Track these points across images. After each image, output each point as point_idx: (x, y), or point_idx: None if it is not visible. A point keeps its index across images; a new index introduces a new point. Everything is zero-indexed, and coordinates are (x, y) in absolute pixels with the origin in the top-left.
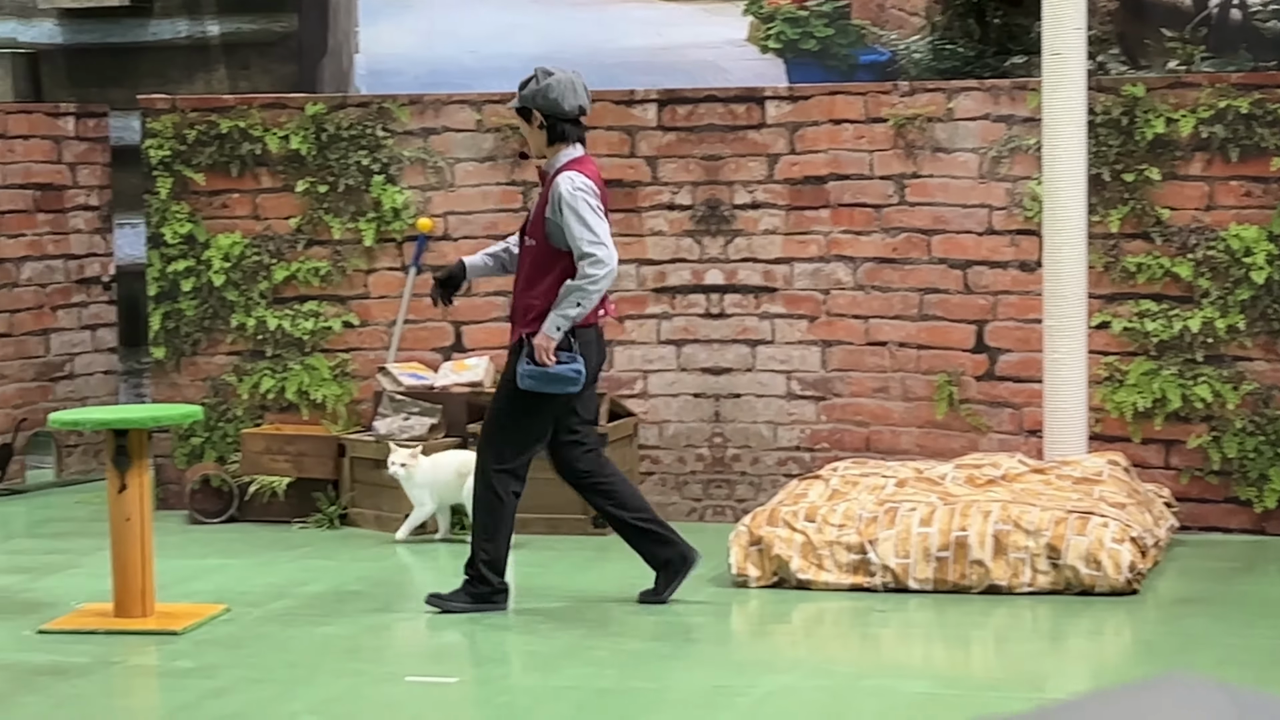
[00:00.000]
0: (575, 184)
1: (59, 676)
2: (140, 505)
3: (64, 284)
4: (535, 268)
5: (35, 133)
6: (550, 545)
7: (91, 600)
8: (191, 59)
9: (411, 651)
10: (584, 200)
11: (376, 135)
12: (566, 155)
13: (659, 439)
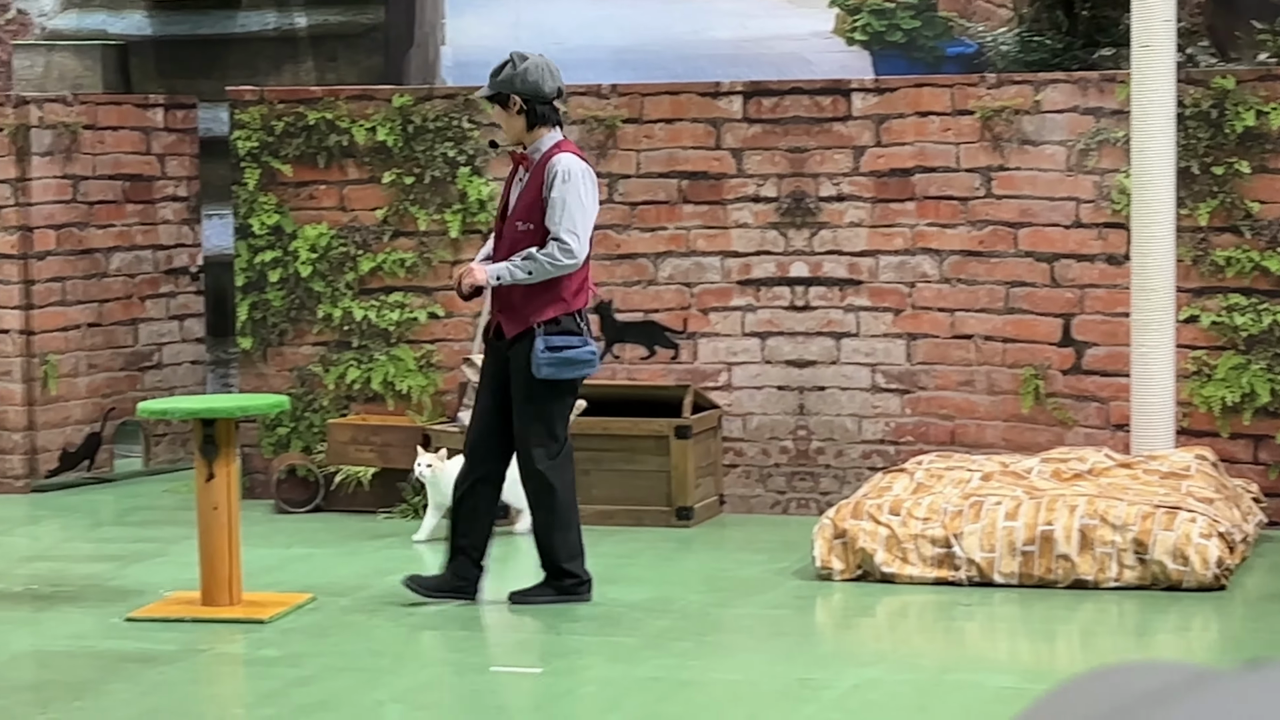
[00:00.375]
0: (575, 169)
1: (147, 664)
2: (227, 494)
3: (152, 274)
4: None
5: (125, 124)
6: (634, 537)
7: (179, 588)
8: (279, 51)
9: (496, 642)
10: (578, 189)
11: (462, 127)
12: (551, 138)
13: (743, 432)
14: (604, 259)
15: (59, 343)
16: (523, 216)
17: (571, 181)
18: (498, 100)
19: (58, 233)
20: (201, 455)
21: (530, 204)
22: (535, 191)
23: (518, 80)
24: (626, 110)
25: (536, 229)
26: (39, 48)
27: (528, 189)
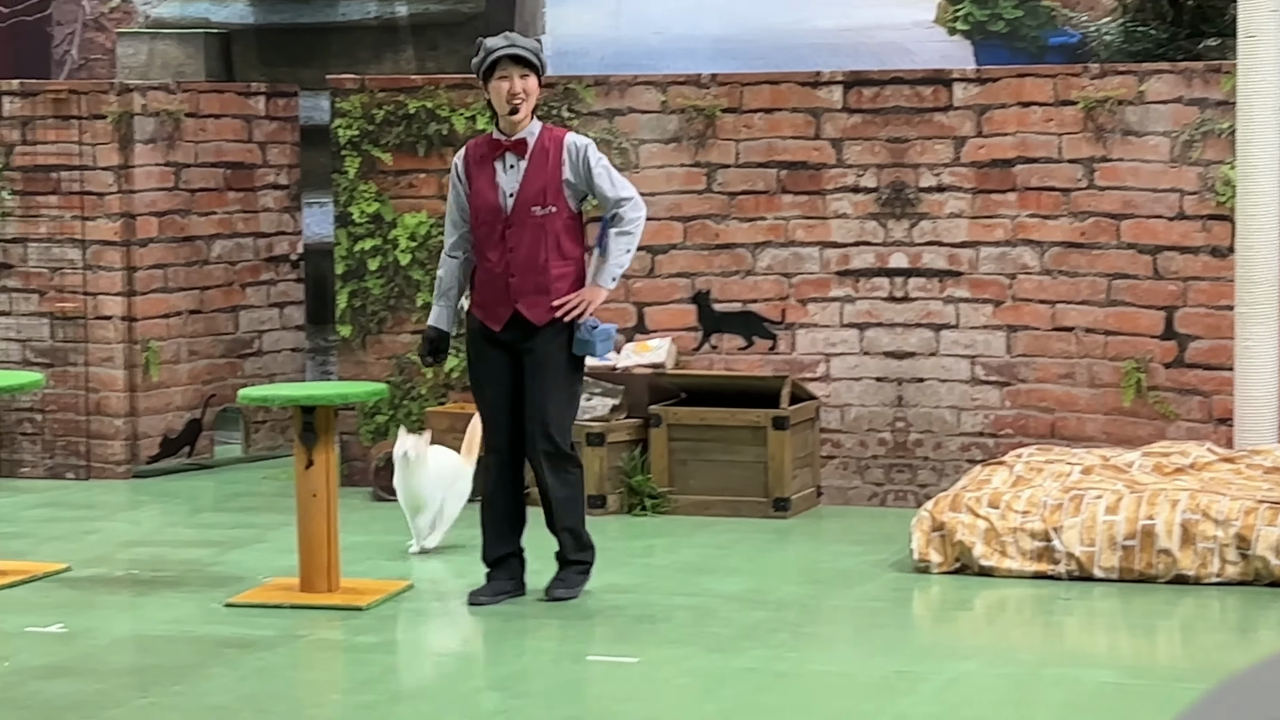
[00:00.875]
0: (588, 142)
1: (246, 649)
2: (326, 481)
3: (253, 262)
4: (564, 233)
5: (226, 112)
6: (731, 528)
7: (278, 575)
8: (380, 39)
9: (593, 631)
10: (602, 154)
11: (562, 116)
12: (537, 124)
13: (841, 423)
14: (702, 249)
15: (160, 329)
16: (537, 201)
17: (600, 154)
18: (538, 73)
19: (160, 220)
20: (301, 442)
21: (544, 188)
22: (549, 174)
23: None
24: (726, 100)
25: (559, 212)
26: (142, 36)
27: (533, 173)
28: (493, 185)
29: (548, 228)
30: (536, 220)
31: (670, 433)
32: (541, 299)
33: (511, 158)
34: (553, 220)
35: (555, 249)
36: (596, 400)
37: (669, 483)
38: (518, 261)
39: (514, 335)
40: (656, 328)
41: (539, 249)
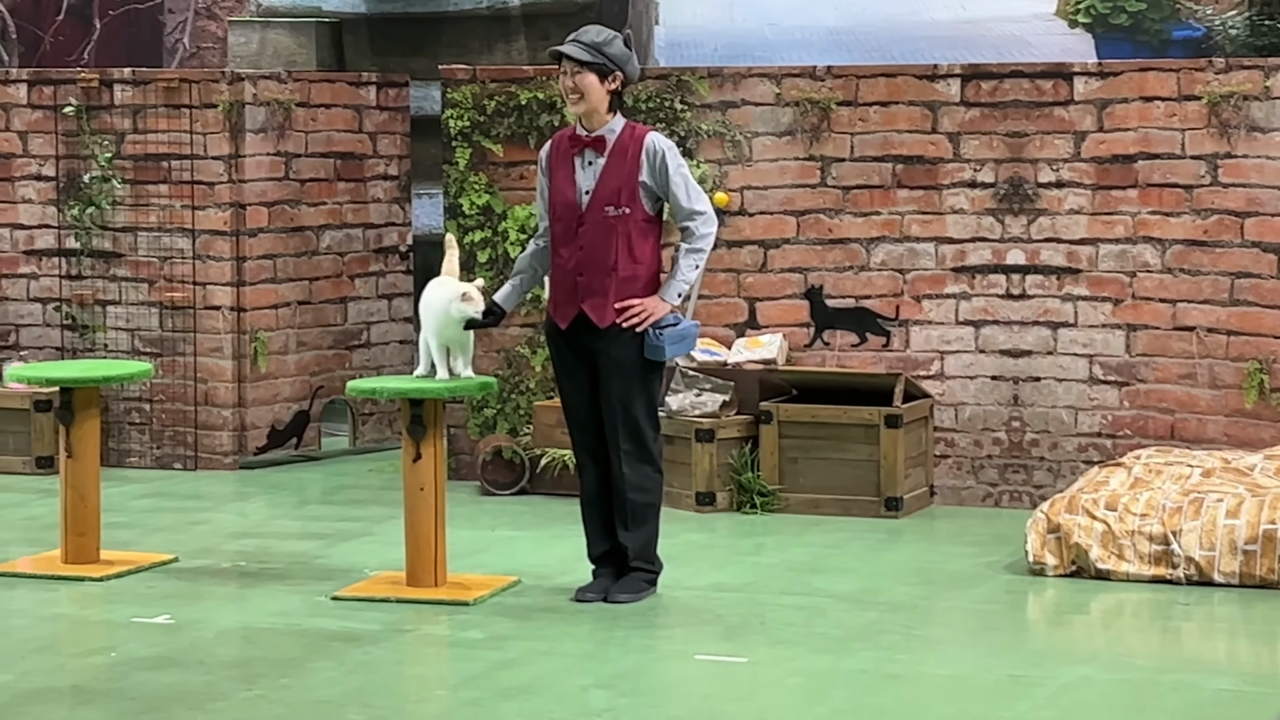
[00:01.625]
0: (670, 144)
1: (352, 643)
2: (434, 475)
3: (362, 253)
4: (637, 234)
5: (337, 102)
6: (842, 527)
7: (384, 568)
8: (492, 29)
9: (701, 630)
10: (681, 160)
11: (675, 108)
12: (620, 120)
13: (955, 422)
14: (815, 243)
15: (269, 320)
16: (612, 200)
17: (677, 159)
18: (595, 69)
19: (269, 210)
20: (409, 435)
21: (619, 188)
22: (625, 174)
23: (629, 63)
24: (841, 93)
25: (633, 213)
26: (254, 24)
27: (610, 172)
28: (571, 181)
29: (620, 228)
30: (609, 220)
31: (781, 430)
32: (607, 301)
33: (590, 154)
34: (626, 221)
35: (626, 250)
36: (706, 396)
37: (779, 480)
38: (587, 260)
39: (582, 335)
40: (768, 323)
41: (610, 249)
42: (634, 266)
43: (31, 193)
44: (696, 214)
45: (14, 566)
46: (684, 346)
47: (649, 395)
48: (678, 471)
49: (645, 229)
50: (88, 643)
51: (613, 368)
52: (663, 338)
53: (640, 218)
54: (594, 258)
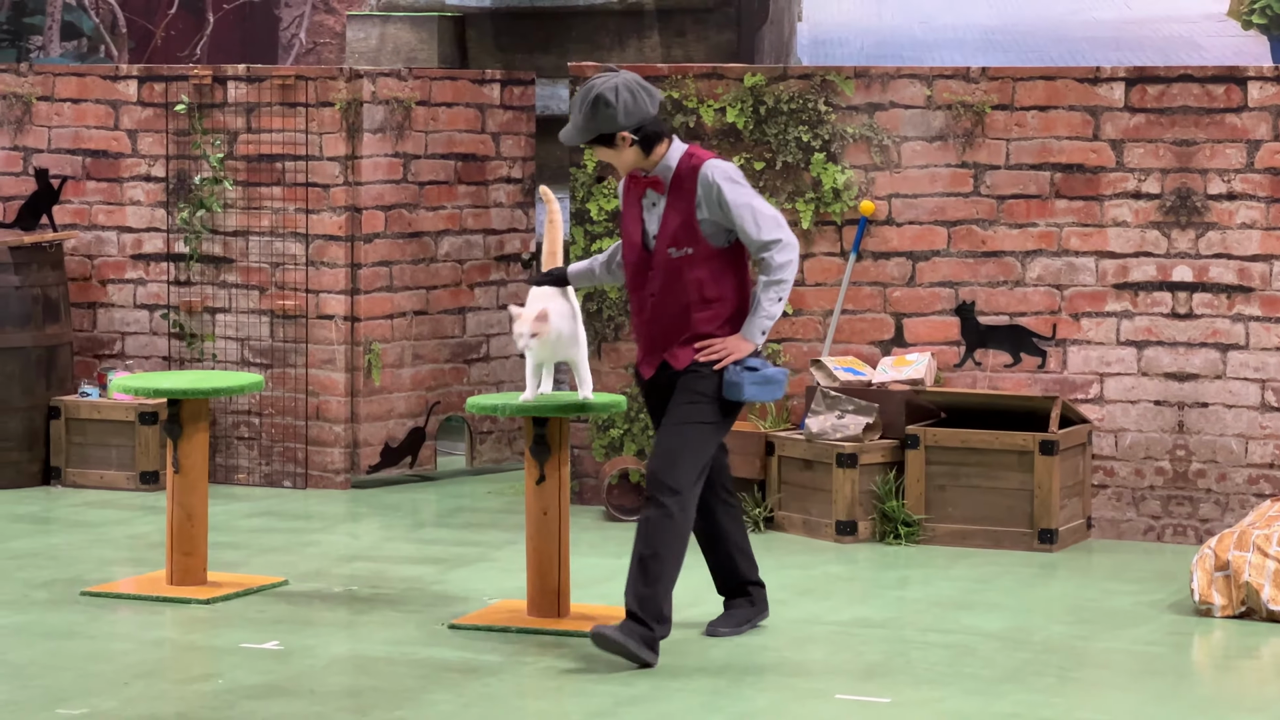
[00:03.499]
0: (732, 170)
1: (470, 674)
2: (558, 498)
3: (483, 260)
4: (708, 274)
5: (459, 100)
6: (992, 560)
7: (504, 596)
8: (624, 25)
9: (841, 667)
10: (743, 186)
11: (818, 110)
12: (676, 151)
13: (1115, 449)
14: (967, 256)
15: (384, 330)
16: (674, 243)
17: (740, 184)
18: (601, 142)
19: (386, 214)
20: (532, 456)
21: (680, 227)
22: (685, 212)
23: (621, 116)
24: (996, 96)
25: (697, 254)
26: (373, 19)
27: (671, 211)
28: (637, 223)
29: (686, 272)
30: (674, 263)
31: (928, 455)
32: (685, 349)
33: (652, 194)
34: (691, 262)
35: (697, 294)
36: (849, 418)
37: (925, 509)
38: (660, 308)
39: (667, 381)
40: (916, 341)
41: (680, 294)
42: (707, 308)
43: (140, 194)
44: (771, 244)
45: (117, 587)
46: (768, 391)
47: (703, 434)
48: (816, 499)
49: (717, 266)
50: (193, 669)
51: (683, 393)
52: (742, 375)
53: (707, 255)
54: (665, 305)
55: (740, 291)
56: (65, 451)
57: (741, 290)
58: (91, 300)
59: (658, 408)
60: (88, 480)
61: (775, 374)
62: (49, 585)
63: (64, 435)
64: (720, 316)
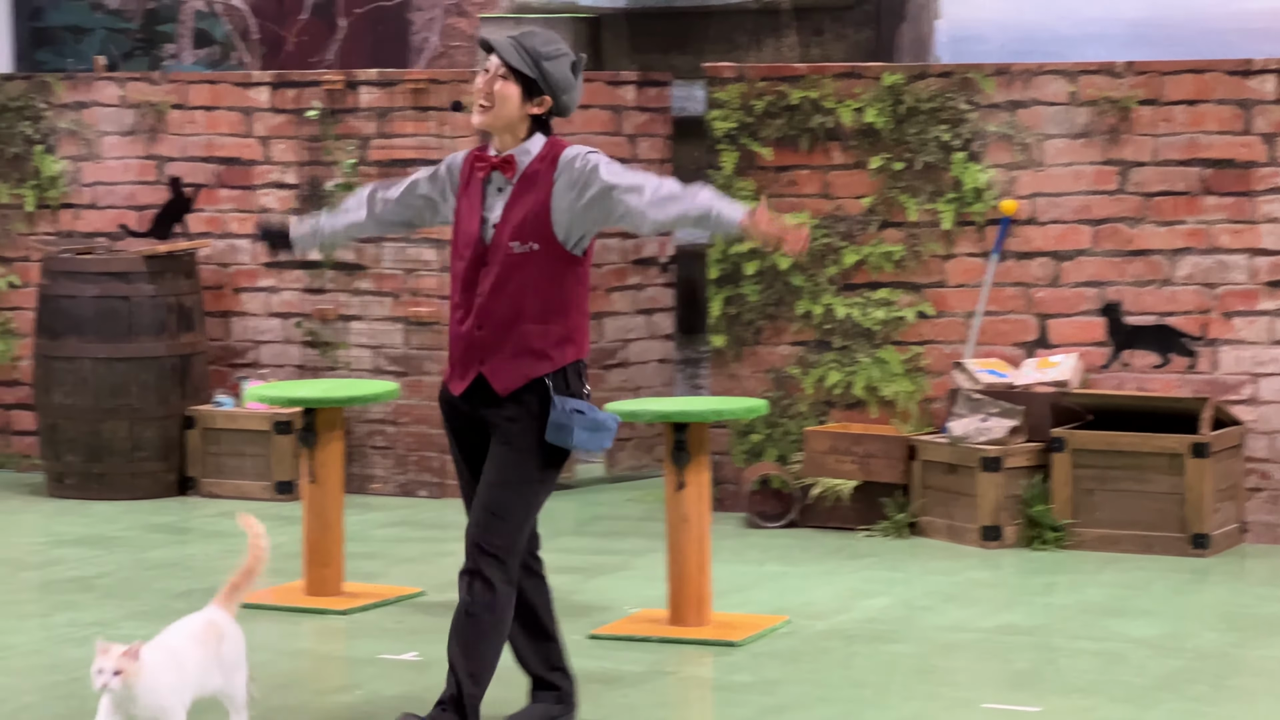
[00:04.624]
0: (600, 154)
1: (610, 685)
2: (699, 505)
3: (619, 265)
4: (550, 278)
5: (595, 102)
6: (1142, 565)
7: (644, 605)
8: (760, 24)
9: (988, 676)
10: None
11: (959, 108)
12: (540, 140)
13: (1269, 451)
14: (1113, 255)
15: None
16: (518, 235)
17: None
18: (522, 81)
19: None
20: (672, 462)
21: (529, 217)
22: (537, 201)
23: (562, 87)
24: (1143, 90)
25: (542, 252)
26: (507, 21)
27: (519, 199)
28: (475, 211)
29: (526, 271)
30: (514, 259)
31: (1075, 459)
32: (510, 364)
33: (499, 178)
34: (534, 261)
35: (534, 299)
36: (993, 421)
37: (1072, 514)
38: (488, 310)
39: (480, 406)
40: (1061, 342)
41: (513, 297)
42: (543, 320)
43: (272, 201)
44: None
45: (255, 598)
46: (597, 439)
47: (532, 487)
48: (961, 503)
49: (561, 274)
50: (332, 680)
51: (499, 444)
52: (572, 418)
53: (553, 257)
54: (494, 307)
55: (578, 315)
56: (201, 461)
57: (579, 314)
58: (225, 309)
59: (465, 439)
60: (223, 490)
61: (605, 419)
62: (186, 595)
63: (199, 445)
64: (553, 335)
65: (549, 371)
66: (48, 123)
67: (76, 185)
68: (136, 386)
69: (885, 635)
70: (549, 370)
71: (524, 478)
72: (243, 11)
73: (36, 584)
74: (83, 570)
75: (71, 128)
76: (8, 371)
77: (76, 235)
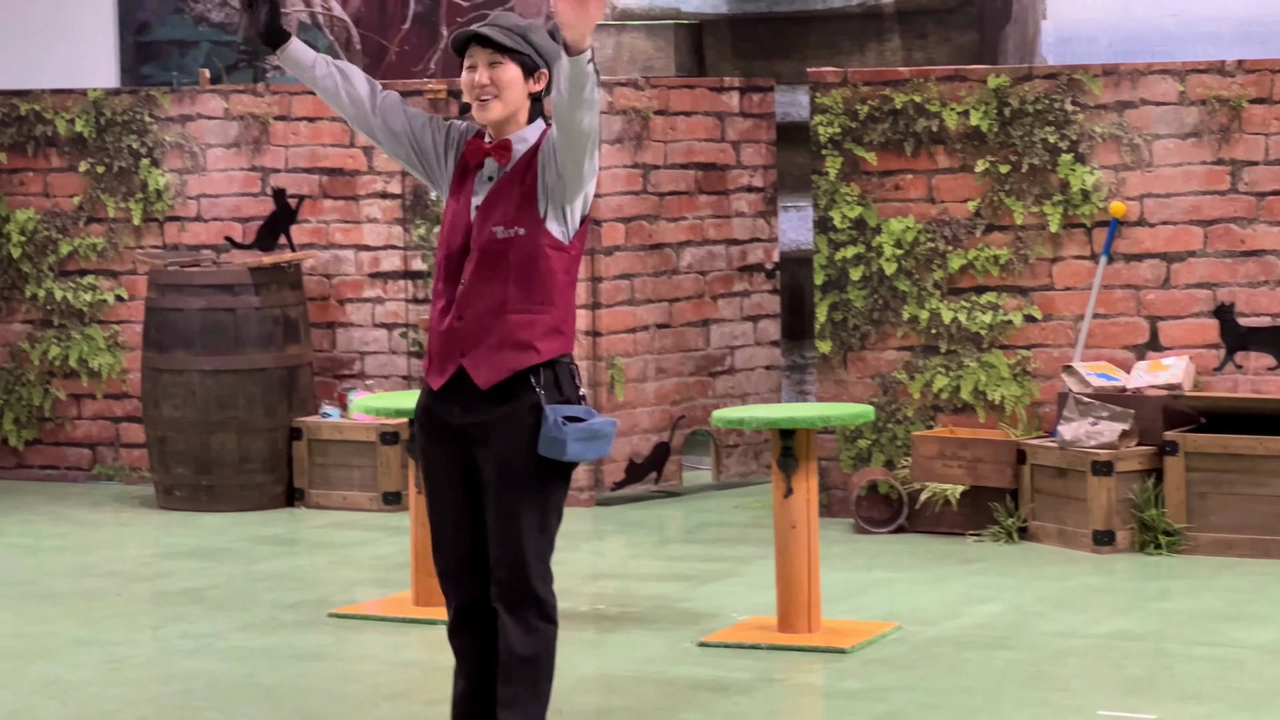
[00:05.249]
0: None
1: (720, 693)
2: (807, 512)
3: (725, 271)
4: (536, 266)
5: (698, 109)
6: (1259, 569)
7: (753, 612)
8: (863, 28)
9: (1101, 682)
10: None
11: (1065, 109)
12: (538, 127)
13: None
14: (1225, 256)
15: (626, 345)
16: (503, 220)
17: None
18: (519, 60)
19: (626, 226)
20: (779, 469)
21: (515, 202)
22: (526, 185)
23: (550, 50)
24: (1254, 89)
25: (528, 237)
26: (609, 28)
27: (508, 184)
28: (465, 197)
29: (510, 257)
30: (498, 245)
31: (1188, 462)
32: (493, 355)
33: (492, 165)
34: (519, 247)
35: (519, 287)
36: (1103, 425)
37: (1186, 518)
38: (470, 298)
39: (459, 407)
40: (1172, 344)
41: (497, 286)
42: (529, 309)
43: (376, 211)
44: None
45: (364, 609)
46: (594, 448)
47: (544, 508)
48: (1072, 508)
49: (549, 260)
50: (442, 690)
51: (495, 465)
52: (565, 429)
53: (540, 242)
54: (477, 295)
55: (566, 304)
56: (308, 473)
57: (567, 303)
58: (330, 320)
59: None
60: (330, 501)
61: (602, 425)
62: (296, 607)
63: (306, 456)
64: (541, 325)
65: (535, 364)
66: (153, 136)
67: (182, 198)
68: (244, 399)
69: (996, 641)
70: (535, 362)
71: (531, 504)
72: (345, 22)
73: (148, 596)
74: (193, 582)
75: (177, 141)
76: (116, 385)
77: (182, 248)
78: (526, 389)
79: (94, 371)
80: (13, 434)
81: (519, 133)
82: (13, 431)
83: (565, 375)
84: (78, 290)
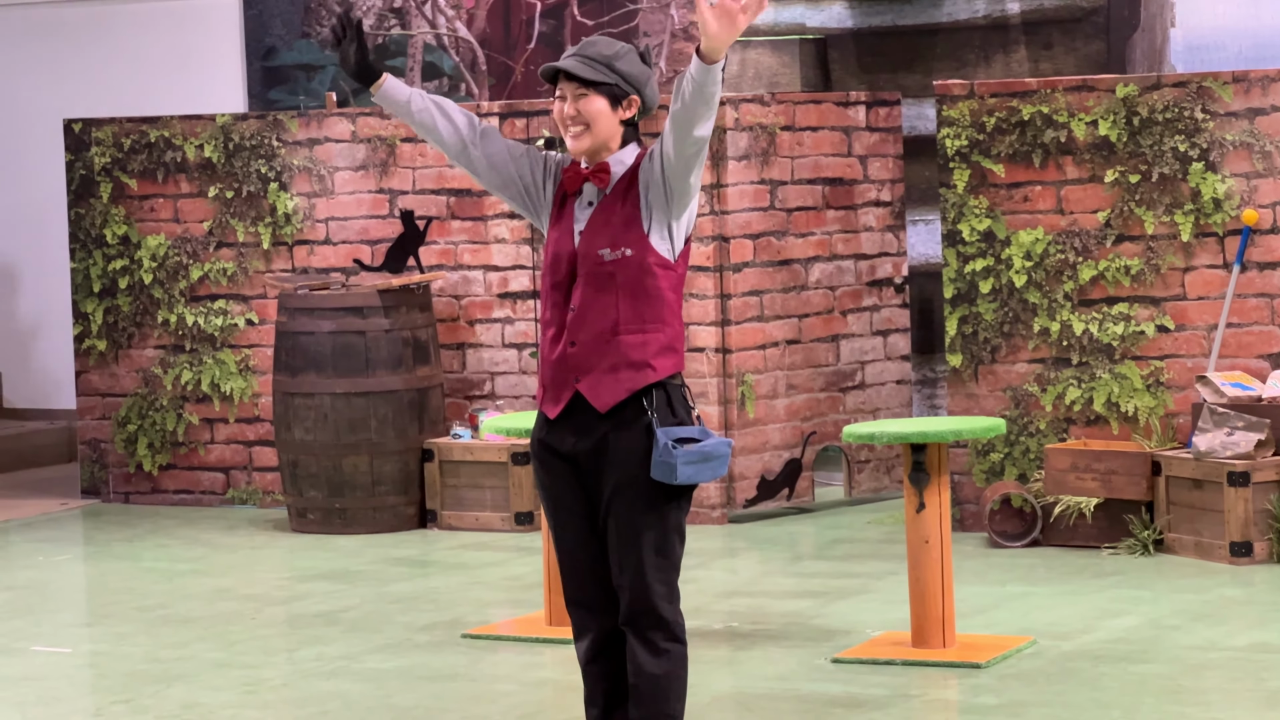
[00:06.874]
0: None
1: (854, 709)
2: (940, 526)
3: (854, 286)
4: (645, 287)
5: (824, 124)
6: None
7: (887, 628)
8: (989, 39)
9: (1241, 696)
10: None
11: (1195, 118)
12: (634, 150)
13: None
14: None
15: (756, 361)
16: (608, 243)
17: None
18: (605, 91)
19: (755, 242)
20: (911, 483)
21: (620, 223)
22: (630, 207)
23: (642, 80)
24: None
25: (635, 258)
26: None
27: (608, 208)
28: (568, 225)
29: (619, 278)
30: (605, 268)
31: None
32: (610, 378)
33: (591, 190)
34: (626, 268)
35: (630, 308)
36: (1239, 435)
37: None
38: (579, 323)
39: (576, 438)
40: None
41: (606, 309)
42: (641, 329)
43: (504, 232)
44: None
45: (497, 629)
46: (708, 470)
47: (664, 530)
48: (1208, 520)
49: (657, 279)
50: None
51: (612, 489)
52: (675, 454)
53: (648, 263)
54: (586, 321)
55: (676, 321)
56: (439, 494)
57: (676, 320)
58: (460, 341)
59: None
60: (463, 522)
61: (715, 447)
62: (430, 628)
63: (438, 478)
64: (654, 344)
65: (651, 382)
66: (281, 160)
67: (310, 221)
68: (375, 421)
69: (1133, 655)
70: (652, 381)
71: (649, 526)
72: (471, 43)
73: (282, 619)
74: (327, 604)
75: (305, 164)
76: (248, 409)
77: (311, 271)
78: (639, 411)
79: (226, 396)
80: (147, 459)
81: (615, 156)
82: (147, 456)
83: (677, 396)
84: (209, 315)
